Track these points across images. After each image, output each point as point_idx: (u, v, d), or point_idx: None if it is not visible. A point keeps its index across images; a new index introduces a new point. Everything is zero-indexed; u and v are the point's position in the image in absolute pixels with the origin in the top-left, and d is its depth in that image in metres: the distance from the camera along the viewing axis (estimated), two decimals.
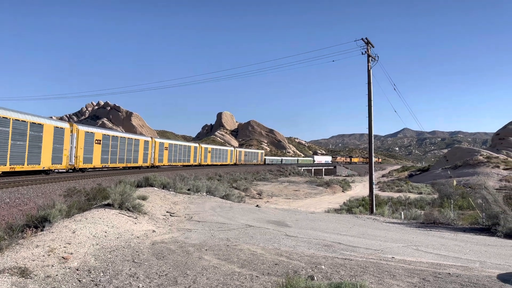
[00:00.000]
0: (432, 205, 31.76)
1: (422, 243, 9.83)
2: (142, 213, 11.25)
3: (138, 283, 5.56)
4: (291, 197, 43.07)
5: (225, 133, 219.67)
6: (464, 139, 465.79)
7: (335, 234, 10.64)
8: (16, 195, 17.60)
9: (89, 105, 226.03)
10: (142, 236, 8.86)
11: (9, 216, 14.59)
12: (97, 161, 34.09)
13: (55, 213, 8.62)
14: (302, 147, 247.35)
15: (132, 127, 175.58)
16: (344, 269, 6.56)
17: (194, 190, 19.60)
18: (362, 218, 16.30)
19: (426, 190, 55.47)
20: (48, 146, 26.76)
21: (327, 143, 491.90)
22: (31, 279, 5.26)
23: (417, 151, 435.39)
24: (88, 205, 12.24)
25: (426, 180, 75.12)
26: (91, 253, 6.84)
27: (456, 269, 6.98)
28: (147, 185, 18.62)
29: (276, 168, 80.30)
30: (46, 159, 26.67)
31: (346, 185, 61.78)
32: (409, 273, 6.49)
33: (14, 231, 7.64)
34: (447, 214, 14.83)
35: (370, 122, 23.83)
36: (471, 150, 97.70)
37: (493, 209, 12.97)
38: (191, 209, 14.22)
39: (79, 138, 30.92)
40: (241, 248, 8.05)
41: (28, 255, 6.06)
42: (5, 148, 22.72)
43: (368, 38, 24.08)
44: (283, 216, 14.46)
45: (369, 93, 23.91)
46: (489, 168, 71.30)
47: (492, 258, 8.31)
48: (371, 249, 8.68)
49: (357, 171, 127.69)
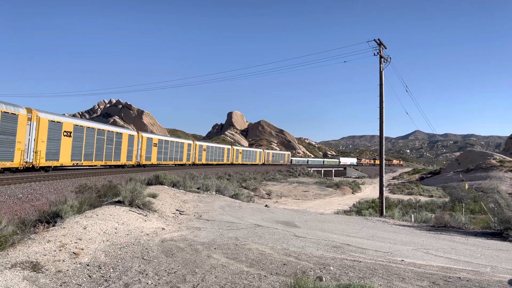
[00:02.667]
0: (443, 208, 31.45)
1: (432, 247, 9.74)
2: (152, 210, 11.33)
3: (147, 279, 5.61)
4: (300, 198, 42.96)
5: (235, 132, 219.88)
6: (477, 142, 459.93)
7: (344, 236, 10.59)
8: (28, 190, 17.86)
9: (101, 103, 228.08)
10: (152, 233, 8.93)
11: (21, 211, 14.83)
12: (154, 159, 43.88)
13: (67, 209, 8.73)
14: (312, 148, 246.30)
15: (143, 125, 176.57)
16: (352, 271, 6.53)
17: (204, 189, 19.67)
18: (372, 220, 16.19)
19: (437, 193, 54.91)
20: (124, 148, 36.87)
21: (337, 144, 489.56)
22: (43, 273, 5.34)
23: (428, 153, 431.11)
24: (99, 201, 12.37)
25: (438, 183, 74.32)
26: (102, 249, 6.92)
27: (467, 273, 6.90)
28: (157, 183, 18.74)
29: (285, 169, 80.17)
30: (123, 158, 37.14)
31: (356, 186, 61.46)
32: (419, 276, 6.43)
33: (26, 226, 7.76)
34: (458, 217, 14.66)
35: (381, 124, 23.66)
36: (484, 153, 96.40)
37: (505, 213, 12.79)
38: (200, 207, 14.27)
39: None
40: (250, 248, 8.06)
41: (39, 250, 6.14)
42: (101, 149, 32.58)
43: (380, 39, 23.91)
44: (292, 216, 14.44)
45: (381, 94, 23.74)
46: (502, 172, 70.29)
47: (503, 263, 8.20)
48: (380, 251, 8.62)
49: (367, 173, 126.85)
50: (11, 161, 22.02)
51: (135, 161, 39.80)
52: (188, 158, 52.96)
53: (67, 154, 27.59)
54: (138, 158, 40.56)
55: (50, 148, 25.49)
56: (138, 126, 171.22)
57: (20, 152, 22.64)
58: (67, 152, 27.63)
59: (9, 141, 21.66)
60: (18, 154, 22.54)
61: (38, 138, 24.24)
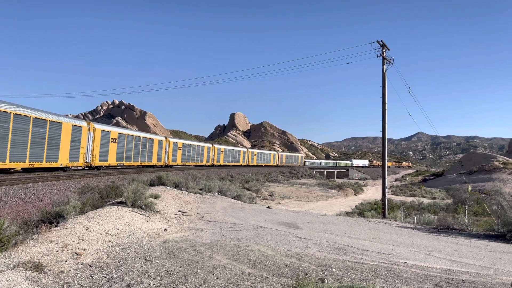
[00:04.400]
0: (446, 210, 31.36)
1: (435, 249, 9.70)
2: (154, 211, 11.34)
3: (149, 280, 5.61)
4: (302, 199, 42.91)
5: (238, 133, 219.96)
6: (480, 144, 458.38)
7: (346, 237, 10.57)
8: (31, 191, 17.91)
9: (104, 104, 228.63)
10: (154, 234, 8.93)
11: (24, 211, 14.87)
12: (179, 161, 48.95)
13: (69, 209, 8.74)
14: (315, 149, 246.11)
15: (146, 127, 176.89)
16: (355, 273, 6.51)
17: (206, 190, 19.68)
18: (374, 221, 16.15)
19: (440, 195, 54.74)
20: (155, 151, 43.21)
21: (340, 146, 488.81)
22: (45, 274, 5.35)
23: (431, 155, 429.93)
24: (101, 202, 12.39)
25: (440, 185, 74.13)
26: (104, 249, 6.92)
27: (470, 275, 6.87)
28: (159, 184, 18.75)
29: (288, 170, 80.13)
30: (154, 159, 43.29)
31: (358, 188, 61.35)
32: (421, 278, 6.41)
33: (29, 226, 7.78)
34: (461, 220, 14.60)
35: (384, 125, 23.62)
36: (487, 155, 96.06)
37: (508, 216, 12.73)
38: (202, 208, 14.28)
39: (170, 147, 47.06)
40: (252, 249, 8.05)
41: (42, 250, 6.16)
42: (137, 152, 39.37)
43: (383, 41, 23.88)
44: (294, 218, 14.42)
45: (384, 96, 23.70)
46: (505, 174, 69.99)
47: (506, 265, 8.16)
48: (383, 253, 8.59)
49: (370, 175, 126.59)
50: (77, 162, 28.95)
51: (163, 162, 45.86)
52: (208, 159, 59.52)
53: (113, 156, 34.30)
54: (166, 159, 46.52)
55: (101, 152, 32.25)
56: (140, 127, 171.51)
57: (83, 155, 29.56)
58: (113, 155, 34.31)
59: (77, 147, 28.69)
60: (82, 156, 29.44)
61: (94, 144, 31.13)
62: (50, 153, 25.36)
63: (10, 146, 21.62)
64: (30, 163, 23.62)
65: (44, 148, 24.72)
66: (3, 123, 21.01)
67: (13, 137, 21.81)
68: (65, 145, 27.00)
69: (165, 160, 46.34)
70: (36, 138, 23.87)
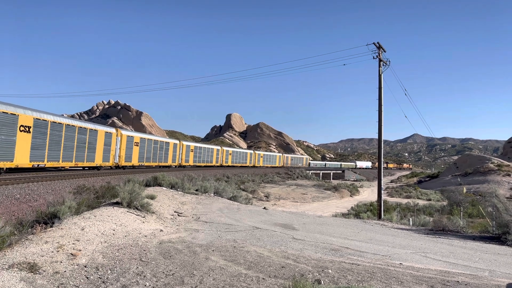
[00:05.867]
0: (441, 212, 31.46)
1: (430, 250, 9.73)
2: (150, 212, 11.30)
3: (145, 281, 5.58)
4: (298, 201, 42.92)
5: (234, 134, 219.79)
6: (475, 146, 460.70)
7: (342, 239, 10.58)
8: (26, 191, 17.79)
9: (99, 104, 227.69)
10: (150, 235, 8.90)
11: (19, 211, 14.76)
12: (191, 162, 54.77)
13: (65, 209, 8.70)
14: (311, 151, 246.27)
15: (141, 127, 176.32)
16: (351, 274, 6.52)
17: (202, 190, 19.63)
18: (370, 223, 16.19)
19: (435, 197, 54.92)
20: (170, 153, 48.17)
21: (335, 147, 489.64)
22: (40, 274, 5.32)
23: (426, 157, 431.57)
24: (97, 203, 12.33)
25: (436, 187, 74.38)
26: (99, 250, 6.89)
27: (465, 277, 6.89)
28: (155, 184, 18.69)
29: (284, 171, 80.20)
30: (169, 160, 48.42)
31: (354, 189, 61.42)
32: (417, 280, 6.42)
33: (24, 227, 7.73)
34: (456, 221, 14.67)
35: (380, 127, 23.69)
36: (482, 157, 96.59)
37: (503, 217, 12.80)
38: (198, 209, 14.25)
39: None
40: (248, 250, 8.04)
41: (37, 251, 6.12)
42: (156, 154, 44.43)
43: (380, 43, 23.97)
44: (291, 219, 14.43)
45: (380, 98, 23.77)
46: (500, 176, 70.37)
47: (501, 267, 8.20)
48: (379, 254, 8.61)
49: (366, 176, 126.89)
50: (108, 162, 34.52)
51: (177, 163, 50.78)
52: (217, 161, 64.65)
53: (136, 157, 39.92)
54: (180, 160, 51.44)
55: (127, 154, 37.74)
56: (136, 127, 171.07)
57: (112, 156, 35.03)
58: (136, 156, 39.93)
59: (108, 149, 34.22)
60: (111, 157, 35.00)
61: (121, 147, 36.50)
62: (89, 155, 31.28)
63: (63, 150, 27.57)
64: (76, 163, 29.51)
65: (85, 151, 30.62)
66: (58, 131, 26.86)
67: (65, 143, 27.74)
68: (99, 148, 32.73)
69: (179, 161, 51.26)
70: (80, 143, 29.74)
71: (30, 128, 23.93)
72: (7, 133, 22.09)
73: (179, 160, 51.19)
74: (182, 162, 51.81)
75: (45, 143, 25.52)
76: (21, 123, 23.11)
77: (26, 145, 23.70)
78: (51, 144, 26.08)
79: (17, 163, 23.23)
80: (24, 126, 23.40)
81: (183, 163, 52.07)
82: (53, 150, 26.29)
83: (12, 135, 22.54)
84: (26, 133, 23.57)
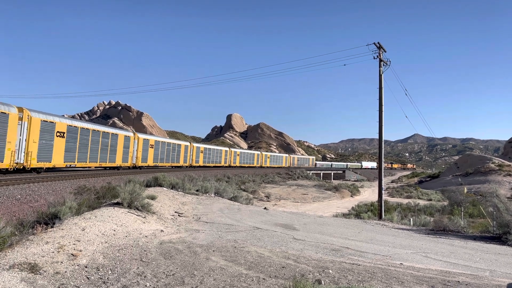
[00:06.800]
0: (442, 212, 31.40)
1: (431, 250, 9.73)
2: (150, 212, 11.31)
3: (146, 282, 5.59)
4: (299, 201, 42.91)
5: (235, 135, 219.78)
6: (476, 146, 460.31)
7: (343, 239, 10.58)
8: (27, 191, 17.81)
9: (100, 104, 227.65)
10: (150, 235, 8.91)
11: (20, 212, 14.78)
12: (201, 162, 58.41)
13: (65, 210, 8.70)
14: (311, 151, 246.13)
15: (142, 127, 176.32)
16: (351, 274, 6.52)
17: (203, 191, 19.64)
18: (371, 223, 16.18)
19: (436, 197, 54.85)
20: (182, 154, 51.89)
21: (336, 147, 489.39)
22: (41, 275, 5.32)
23: (427, 157, 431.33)
24: (97, 203, 12.33)
25: (436, 187, 74.33)
26: (100, 251, 6.90)
27: (466, 277, 6.89)
28: (156, 185, 18.70)
29: (284, 171, 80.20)
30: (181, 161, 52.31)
31: (355, 190, 61.38)
32: (418, 280, 6.42)
33: (24, 227, 7.74)
34: (457, 221, 14.65)
35: (380, 127, 23.68)
36: (483, 157, 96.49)
37: (504, 217, 12.78)
38: (199, 210, 14.25)
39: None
40: (249, 250, 8.04)
41: (38, 251, 6.13)
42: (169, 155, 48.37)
43: (380, 43, 23.95)
44: (291, 219, 14.42)
45: (380, 98, 23.76)
46: (500, 176, 70.31)
47: (502, 267, 8.19)
48: (379, 254, 8.61)
49: (366, 176, 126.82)
50: (127, 163, 38.27)
51: (188, 163, 54.66)
52: (226, 161, 68.53)
53: (151, 158, 43.70)
54: (190, 161, 55.33)
55: (143, 155, 41.72)
56: (137, 127, 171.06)
57: (130, 157, 39.04)
58: (151, 157, 43.72)
59: (127, 151, 38.16)
60: (130, 158, 38.93)
61: (138, 149, 40.55)
62: (111, 157, 35.17)
63: (90, 152, 31.25)
64: (100, 163, 33.06)
65: (108, 153, 34.31)
66: (86, 136, 30.55)
67: (91, 146, 31.39)
68: (119, 150, 36.59)
69: (190, 162, 55.03)
70: (103, 146, 33.37)
71: (64, 134, 27.81)
72: (47, 138, 25.83)
73: (190, 161, 55.03)
74: (192, 162, 55.63)
75: (75, 146, 29.36)
76: (57, 129, 26.89)
77: (61, 148, 27.53)
78: (80, 147, 29.92)
79: (54, 164, 26.78)
80: (60, 132, 27.24)
81: (193, 163, 55.94)
82: (82, 152, 30.16)
83: (51, 140, 26.23)
84: (61, 138, 27.46)
